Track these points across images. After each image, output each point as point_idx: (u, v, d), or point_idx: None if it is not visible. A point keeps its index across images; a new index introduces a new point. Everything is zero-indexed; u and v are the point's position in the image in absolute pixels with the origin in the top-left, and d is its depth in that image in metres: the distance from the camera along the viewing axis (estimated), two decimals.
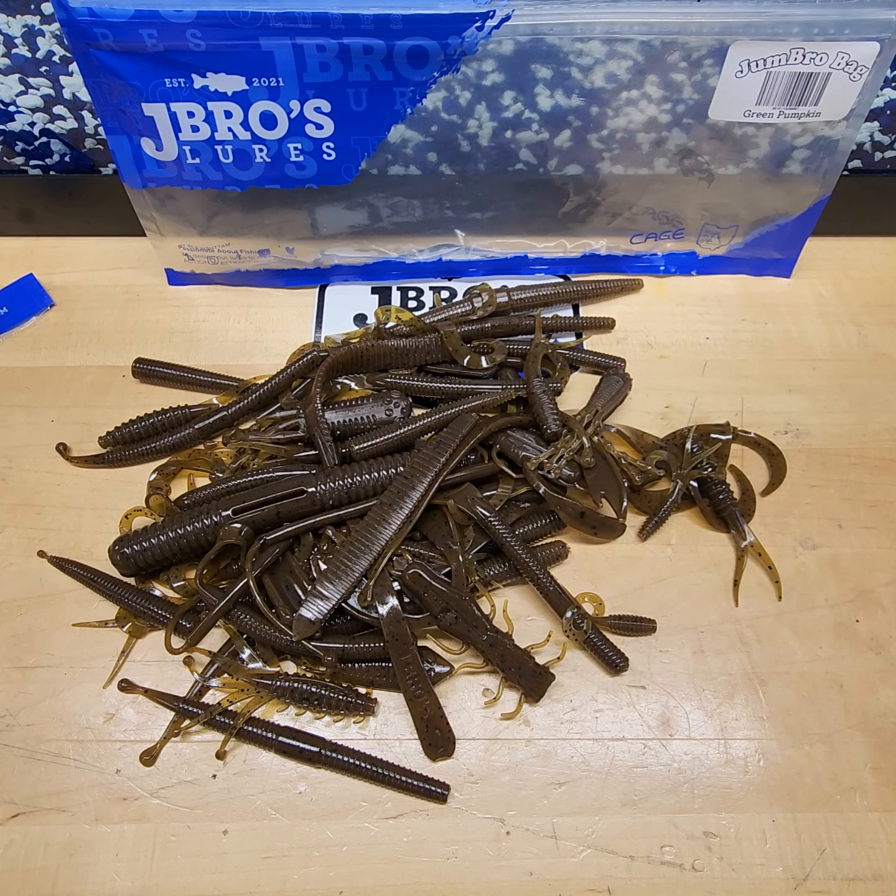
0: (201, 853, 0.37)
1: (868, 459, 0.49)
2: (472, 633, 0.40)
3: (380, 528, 0.42)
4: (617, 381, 0.49)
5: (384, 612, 0.40)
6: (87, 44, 0.41)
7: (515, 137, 0.48)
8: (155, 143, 0.46)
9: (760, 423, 0.50)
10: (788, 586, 0.44)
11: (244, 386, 0.50)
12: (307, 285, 0.56)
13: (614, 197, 0.52)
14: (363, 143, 0.47)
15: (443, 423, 0.46)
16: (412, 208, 0.52)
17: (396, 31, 0.41)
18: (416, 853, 0.37)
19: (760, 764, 0.39)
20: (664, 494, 0.46)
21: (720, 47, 0.43)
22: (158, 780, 0.38)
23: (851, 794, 0.38)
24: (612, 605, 0.43)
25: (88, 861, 0.36)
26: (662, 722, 0.40)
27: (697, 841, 0.37)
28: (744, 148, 0.49)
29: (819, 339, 0.54)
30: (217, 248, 0.53)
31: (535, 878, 0.36)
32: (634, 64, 0.44)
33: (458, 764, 0.39)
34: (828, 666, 0.42)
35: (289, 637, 0.40)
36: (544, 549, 0.44)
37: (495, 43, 0.43)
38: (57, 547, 0.44)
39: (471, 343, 0.51)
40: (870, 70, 0.44)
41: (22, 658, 0.41)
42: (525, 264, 0.56)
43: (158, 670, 0.41)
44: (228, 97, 0.44)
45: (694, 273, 0.57)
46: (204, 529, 0.42)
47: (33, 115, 0.54)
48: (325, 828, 0.37)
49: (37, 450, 0.48)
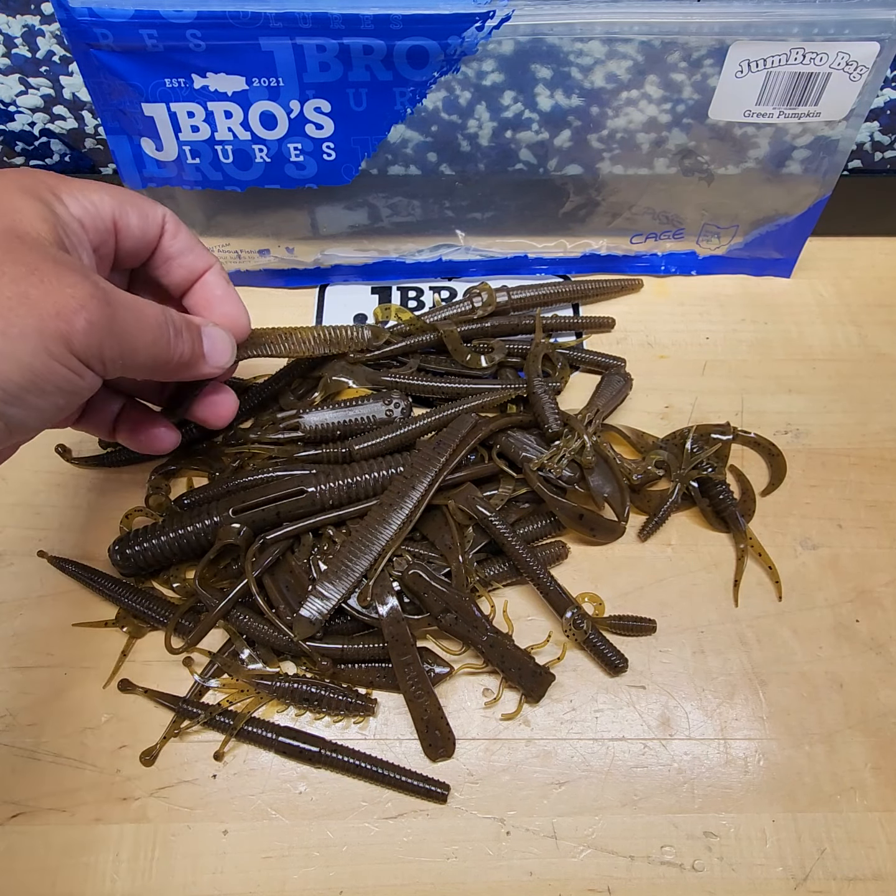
0: (201, 853, 0.37)
1: (868, 459, 0.49)
2: (472, 634, 0.40)
3: (380, 529, 0.42)
4: (618, 381, 0.49)
5: (384, 613, 0.40)
6: (87, 44, 0.41)
7: (515, 137, 0.48)
8: (155, 143, 0.46)
9: (760, 423, 0.50)
10: (788, 586, 0.44)
11: (244, 386, 0.50)
12: (307, 285, 0.56)
13: (614, 197, 0.52)
14: (363, 143, 0.47)
15: (443, 423, 0.46)
16: (412, 208, 0.52)
17: (396, 31, 0.41)
18: (416, 853, 0.37)
19: (760, 764, 0.39)
20: (664, 494, 0.46)
21: (720, 47, 0.43)
22: (158, 780, 0.38)
23: (851, 794, 0.38)
24: (612, 605, 0.43)
25: (88, 861, 0.36)
26: (662, 722, 0.40)
27: (697, 841, 0.37)
28: (744, 148, 0.49)
29: (819, 339, 0.54)
30: (217, 248, 0.53)
31: (535, 878, 0.36)
32: (634, 64, 0.44)
33: (458, 764, 0.39)
34: (828, 666, 0.42)
35: (289, 637, 0.40)
36: (544, 549, 0.44)
37: (495, 43, 0.43)
38: (57, 547, 0.44)
39: (470, 343, 0.51)
40: (870, 70, 0.44)
41: (22, 658, 0.41)
42: (525, 264, 0.56)
43: (158, 670, 0.41)
44: (228, 97, 0.44)
45: (694, 273, 0.57)
46: (204, 529, 0.42)
47: (33, 115, 0.54)
48: (325, 828, 0.37)
49: (37, 450, 0.48)
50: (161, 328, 0.34)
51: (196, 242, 0.39)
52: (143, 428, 0.40)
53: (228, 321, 0.40)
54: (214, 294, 0.40)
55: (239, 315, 0.40)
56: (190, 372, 0.37)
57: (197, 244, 0.39)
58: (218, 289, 0.40)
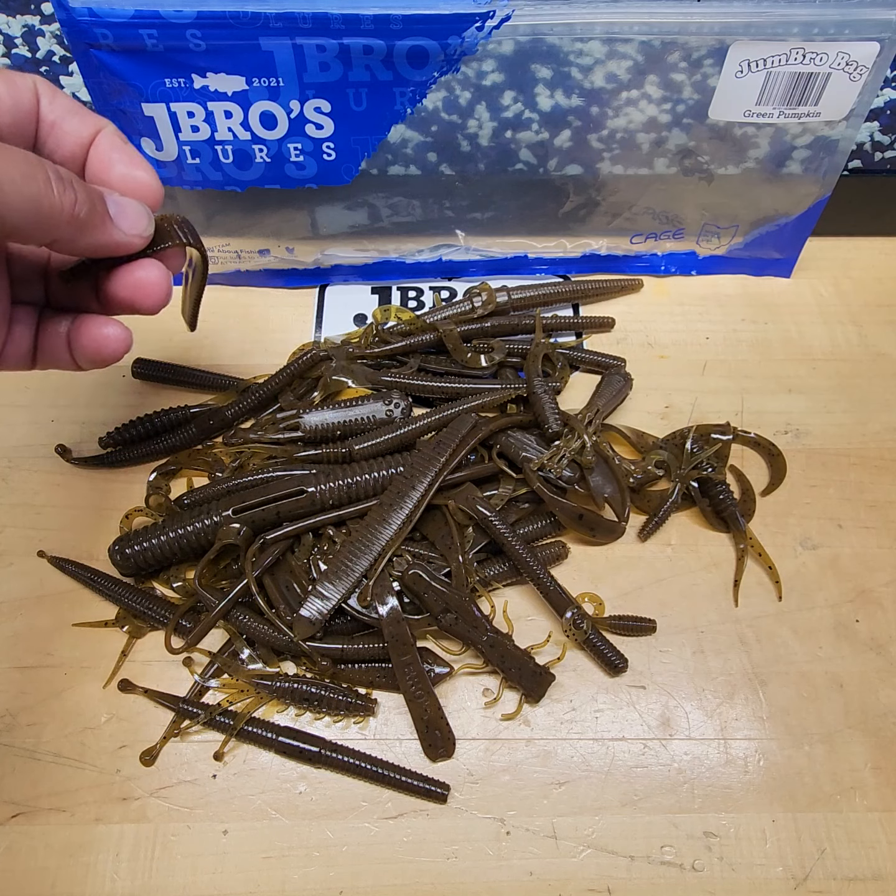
0: (201, 853, 0.37)
1: (868, 459, 0.49)
2: (472, 634, 0.40)
3: (380, 529, 0.42)
4: (618, 381, 0.49)
5: (384, 613, 0.40)
6: (87, 44, 0.41)
7: (515, 137, 0.48)
8: (155, 143, 0.46)
9: (760, 423, 0.50)
10: (788, 586, 0.44)
11: (244, 386, 0.50)
12: (307, 285, 0.56)
13: (614, 197, 0.52)
14: (363, 143, 0.47)
15: (443, 423, 0.46)
16: (412, 208, 0.52)
17: (396, 31, 0.41)
18: (416, 853, 0.37)
19: (760, 764, 0.39)
20: (664, 494, 0.46)
21: (720, 47, 0.43)
22: (158, 780, 0.38)
23: (851, 794, 0.38)
24: (612, 605, 0.43)
25: (88, 861, 0.36)
26: (662, 722, 0.40)
27: (697, 841, 0.37)
28: (744, 148, 0.49)
29: (819, 339, 0.54)
30: (217, 248, 0.53)
31: (535, 878, 0.36)
32: (634, 64, 0.44)
33: (458, 764, 0.39)
34: (828, 666, 0.42)
35: (289, 637, 0.40)
36: (544, 549, 0.44)
37: (495, 43, 0.43)
38: (57, 547, 0.44)
39: (470, 342, 0.51)
40: (870, 70, 0.44)
41: (22, 658, 0.41)
42: (525, 264, 0.56)
43: (158, 670, 0.41)
44: (228, 97, 0.44)
45: (694, 273, 0.57)
46: (204, 529, 0.42)
47: None
48: (325, 828, 0.37)
49: (37, 450, 0.48)
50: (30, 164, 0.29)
51: (79, 106, 0.35)
52: (91, 332, 0.36)
53: (130, 184, 0.35)
54: (111, 157, 0.35)
55: (142, 177, 0.35)
56: (99, 237, 0.33)
57: (81, 107, 0.35)
58: (113, 151, 0.35)
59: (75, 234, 0.32)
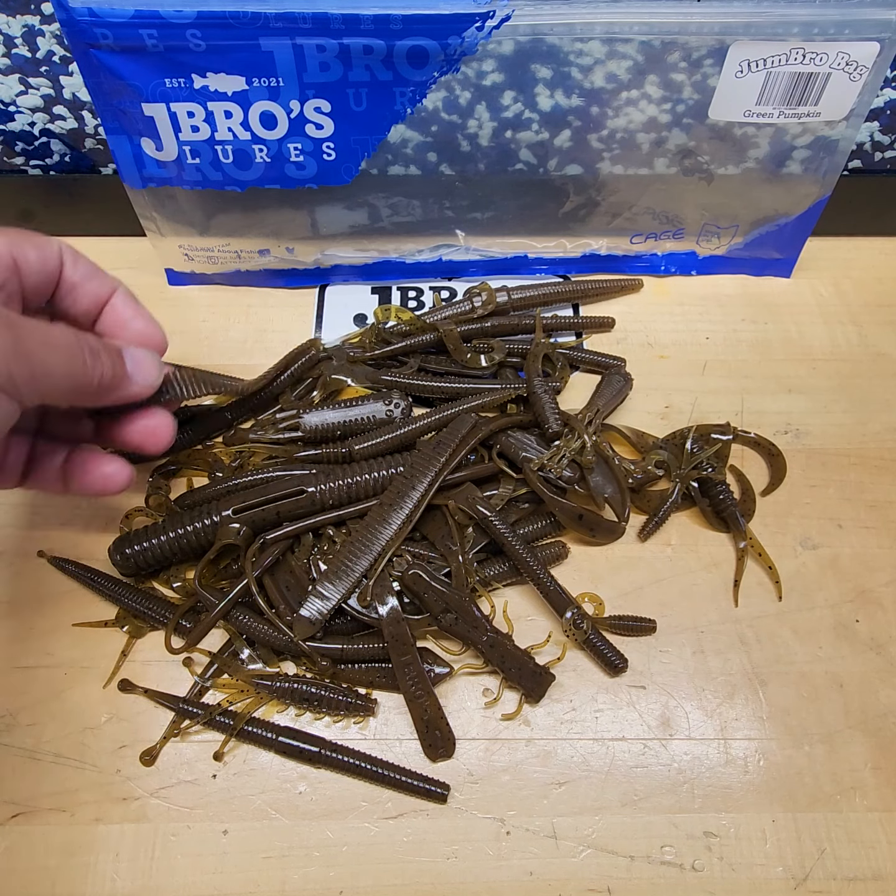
0: (201, 853, 0.37)
1: (868, 459, 0.49)
2: (472, 634, 0.40)
3: (380, 529, 0.42)
4: (618, 381, 0.49)
5: (384, 613, 0.40)
6: (87, 44, 0.41)
7: (515, 137, 0.48)
8: (155, 143, 0.46)
9: (760, 423, 0.50)
10: (788, 586, 0.44)
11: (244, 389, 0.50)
12: (307, 285, 0.56)
13: (614, 197, 0.52)
14: (363, 143, 0.47)
15: (443, 423, 0.46)
16: (412, 208, 0.52)
17: (396, 31, 0.41)
18: (416, 853, 0.37)
19: (760, 764, 0.39)
20: (664, 494, 0.46)
21: (720, 47, 0.43)
22: (158, 780, 0.38)
23: (851, 794, 0.38)
24: (612, 605, 0.43)
25: (88, 861, 0.36)
26: (662, 722, 0.40)
27: (697, 841, 0.37)
28: (744, 148, 0.49)
29: (819, 339, 0.54)
30: (217, 248, 0.53)
31: (535, 878, 0.36)
32: (634, 64, 0.44)
33: (458, 764, 0.39)
34: (828, 666, 0.42)
35: (289, 637, 0.40)
36: (544, 549, 0.44)
37: (495, 43, 0.43)
38: (57, 547, 0.44)
39: (470, 342, 0.51)
40: (870, 70, 0.44)
41: (22, 658, 0.41)
42: (525, 264, 0.56)
43: (158, 670, 0.41)
44: (228, 97, 0.44)
45: (694, 273, 0.57)
46: (204, 529, 0.42)
47: (33, 115, 0.54)
48: (325, 828, 0.37)
49: None
50: (72, 347, 0.33)
51: (97, 269, 0.39)
52: (92, 469, 0.39)
53: (143, 339, 0.39)
54: (124, 315, 0.39)
55: (153, 332, 0.40)
56: (118, 393, 0.37)
57: (98, 270, 0.39)
58: (127, 309, 0.40)
59: (101, 395, 0.36)
